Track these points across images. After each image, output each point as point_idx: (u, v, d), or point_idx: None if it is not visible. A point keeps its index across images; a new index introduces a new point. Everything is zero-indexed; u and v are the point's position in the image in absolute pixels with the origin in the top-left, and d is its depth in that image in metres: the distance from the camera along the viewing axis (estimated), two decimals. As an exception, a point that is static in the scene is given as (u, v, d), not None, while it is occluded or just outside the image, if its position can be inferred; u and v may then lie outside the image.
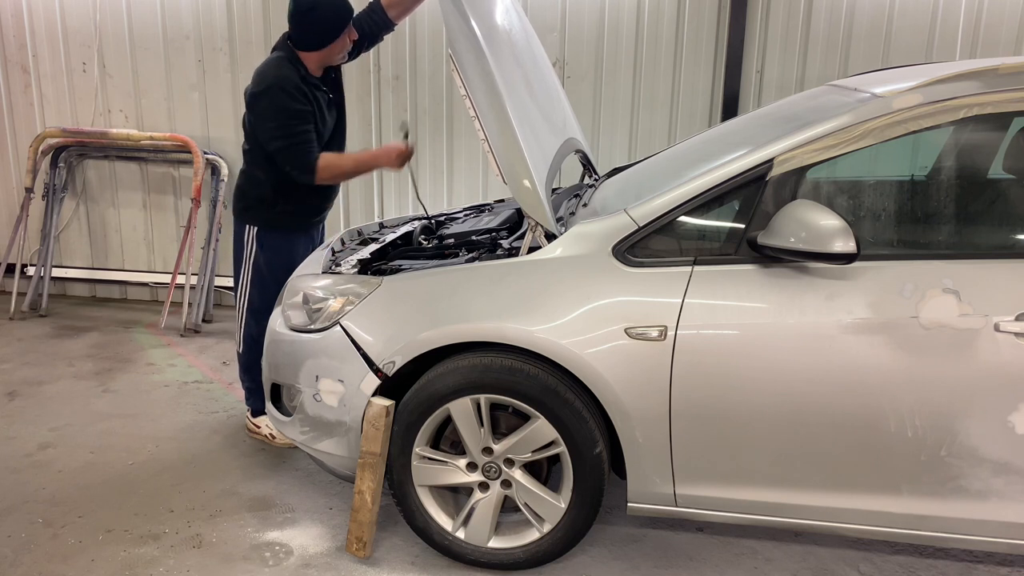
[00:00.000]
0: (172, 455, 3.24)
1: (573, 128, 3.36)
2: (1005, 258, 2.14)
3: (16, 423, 3.51)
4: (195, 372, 4.14)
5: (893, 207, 2.44)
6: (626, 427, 2.26)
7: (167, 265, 5.31)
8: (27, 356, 4.35)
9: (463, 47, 2.41)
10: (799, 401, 2.15)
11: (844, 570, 2.55)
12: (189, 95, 5.05)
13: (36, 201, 5.19)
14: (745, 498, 2.28)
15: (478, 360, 2.34)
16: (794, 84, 4.46)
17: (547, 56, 3.52)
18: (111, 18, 5.01)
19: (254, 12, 4.86)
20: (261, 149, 3.08)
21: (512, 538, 2.49)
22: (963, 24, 4.22)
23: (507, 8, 3.02)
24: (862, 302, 2.12)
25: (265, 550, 2.62)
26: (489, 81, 2.39)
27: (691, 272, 2.22)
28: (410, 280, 2.49)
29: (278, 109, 2.95)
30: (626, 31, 4.57)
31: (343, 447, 2.53)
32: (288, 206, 3.19)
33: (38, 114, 5.24)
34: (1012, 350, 2.05)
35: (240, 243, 3.26)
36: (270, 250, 3.22)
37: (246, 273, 3.25)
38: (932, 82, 2.15)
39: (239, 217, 3.26)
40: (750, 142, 2.35)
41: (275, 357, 2.69)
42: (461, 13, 2.43)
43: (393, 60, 4.81)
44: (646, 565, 2.57)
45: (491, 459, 2.42)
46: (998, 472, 2.11)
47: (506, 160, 2.37)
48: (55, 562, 2.54)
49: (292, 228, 3.26)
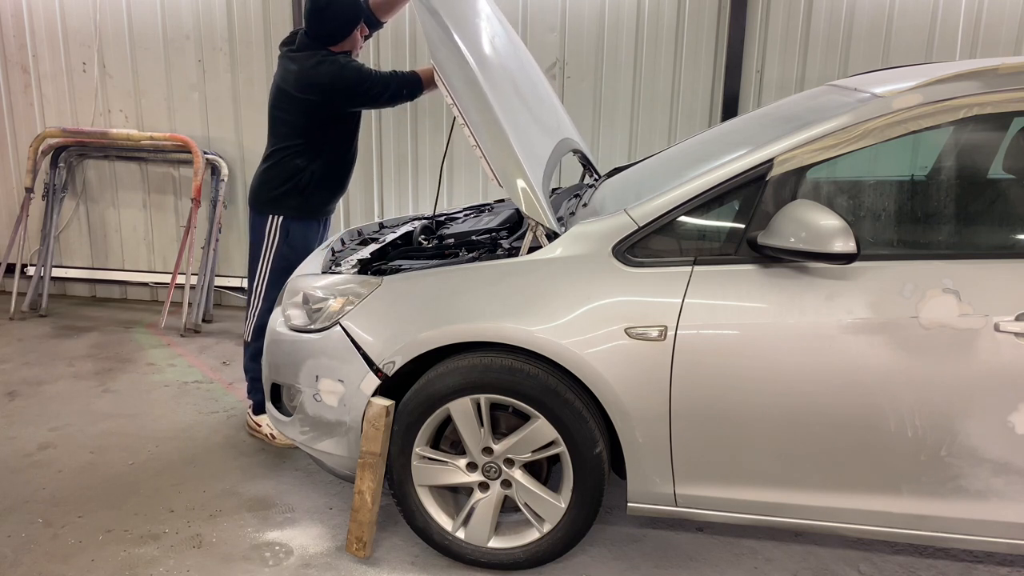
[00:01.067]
0: (172, 455, 3.24)
1: (567, 128, 3.36)
2: (1005, 258, 2.14)
3: (16, 423, 3.52)
4: (195, 372, 4.14)
5: (893, 207, 2.43)
6: (626, 427, 2.26)
7: (167, 265, 5.31)
8: (27, 356, 4.35)
9: (444, 56, 2.43)
10: (799, 401, 2.15)
11: (844, 570, 2.55)
12: (189, 95, 5.05)
13: (36, 201, 5.19)
14: (745, 498, 2.28)
15: (478, 360, 2.34)
16: (794, 84, 4.46)
17: (535, 60, 3.54)
18: (111, 18, 5.01)
19: (254, 12, 4.87)
20: (304, 136, 3.20)
21: (512, 538, 2.49)
22: (963, 24, 4.22)
23: (488, 15, 3.05)
24: (862, 302, 2.12)
25: (265, 550, 2.62)
26: (475, 88, 2.40)
27: (691, 272, 2.22)
28: (410, 280, 2.49)
29: (353, 71, 3.10)
30: (626, 31, 4.57)
31: (343, 447, 2.53)
32: (321, 192, 3.33)
33: (38, 114, 5.24)
34: (1012, 350, 2.05)
35: (259, 235, 3.34)
36: (295, 238, 3.33)
37: (266, 263, 3.34)
38: (932, 82, 2.15)
39: (263, 209, 3.33)
40: (750, 142, 2.35)
41: (275, 357, 2.69)
42: (440, 24, 2.45)
43: (393, 60, 4.81)
44: (646, 565, 2.57)
45: (491, 459, 2.42)
46: (998, 472, 2.11)
47: (499, 164, 2.38)
48: (55, 562, 2.54)
49: (316, 215, 3.40)
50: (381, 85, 3.12)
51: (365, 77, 3.11)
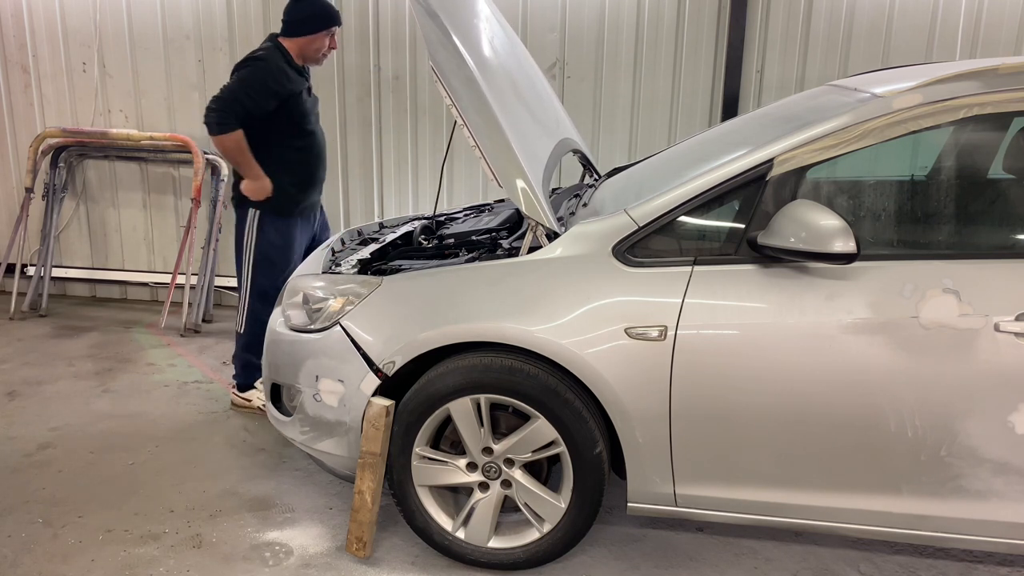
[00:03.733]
0: (172, 455, 3.24)
1: (567, 128, 3.36)
2: (1005, 258, 2.14)
3: (16, 423, 3.52)
4: (195, 372, 4.14)
5: (893, 207, 2.43)
6: (626, 427, 2.26)
7: (167, 265, 5.31)
8: (27, 356, 4.35)
9: (443, 57, 2.43)
10: (799, 401, 2.15)
11: (844, 570, 2.55)
12: (189, 95, 5.05)
13: (36, 201, 5.19)
14: (745, 498, 2.28)
15: (478, 360, 2.34)
16: (794, 84, 4.46)
17: (535, 60, 3.54)
18: (111, 18, 5.01)
19: (254, 12, 4.87)
20: (255, 133, 3.31)
21: (512, 538, 2.49)
22: (963, 24, 4.22)
23: (487, 16, 3.05)
24: (862, 302, 2.12)
25: (265, 550, 2.62)
26: (474, 89, 2.40)
27: (691, 272, 2.22)
28: (410, 280, 2.49)
29: (247, 77, 3.25)
30: (626, 31, 4.57)
31: (343, 447, 2.53)
32: (284, 189, 3.43)
33: (38, 114, 5.24)
34: (1012, 350, 2.05)
35: (240, 229, 3.50)
36: (271, 233, 3.47)
37: (248, 256, 3.48)
38: (932, 82, 2.15)
39: (240, 205, 3.48)
40: (750, 142, 2.35)
41: (275, 357, 2.69)
42: (439, 26, 2.45)
43: (393, 60, 4.82)
44: (646, 565, 2.57)
45: (491, 459, 2.42)
46: (998, 472, 2.11)
47: (499, 164, 2.38)
48: (55, 562, 2.54)
49: (286, 212, 3.49)
50: (222, 105, 3.20)
51: (232, 91, 3.23)
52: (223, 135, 3.23)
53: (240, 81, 3.24)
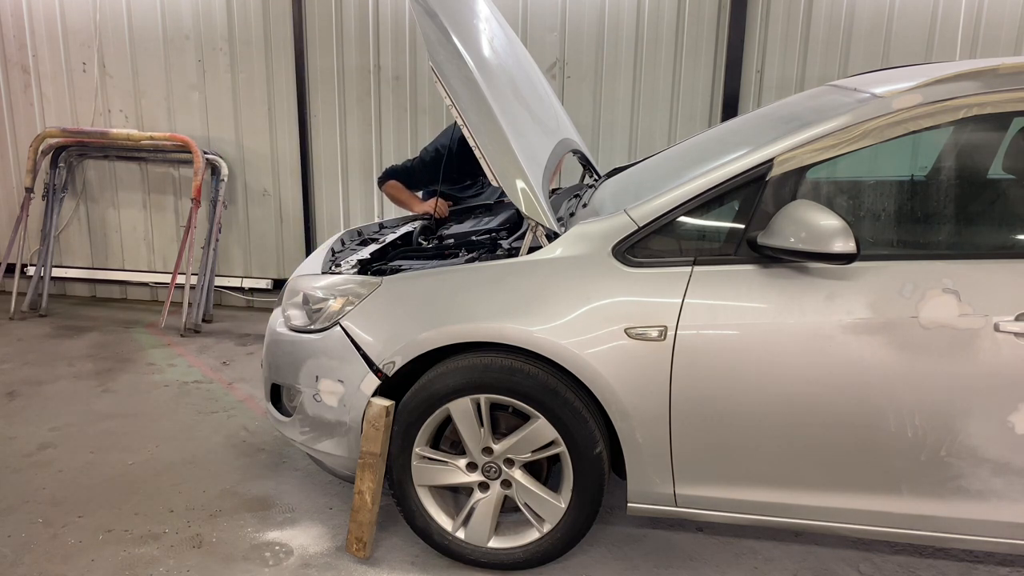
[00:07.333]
0: (172, 455, 3.24)
1: (567, 128, 3.36)
2: (1005, 258, 2.14)
3: (16, 423, 3.51)
4: (195, 372, 4.14)
5: (893, 207, 2.43)
6: (626, 427, 2.26)
7: (167, 265, 5.32)
8: (27, 356, 4.35)
9: (443, 57, 2.43)
10: (799, 401, 2.15)
11: (844, 570, 2.55)
12: (189, 95, 5.05)
13: (36, 201, 5.19)
14: (745, 498, 2.28)
15: (478, 360, 2.34)
16: (794, 84, 4.46)
17: (535, 60, 3.55)
18: (111, 18, 5.01)
19: (254, 12, 4.87)
20: None
21: (512, 538, 2.49)
22: (963, 24, 4.22)
23: (487, 16, 3.05)
24: (862, 302, 2.11)
25: (265, 550, 2.62)
26: (474, 89, 2.40)
27: (691, 272, 2.22)
28: (410, 280, 2.49)
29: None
30: (626, 31, 4.57)
31: (343, 447, 2.53)
32: None
33: (38, 114, 5.24)
34: (1012, 350, 2.05)
35: None
36: None
37: None
38: (932, 82, 2.15)
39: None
40: (750, 142, 2.35)
41: (275, 357, 2.69)
42: (439, 26, 2.45)
43: (393, 60, 4.81)
44: (646, 565, 2.57)
45: (491, 459, 2.42)
46: (998, 472, 2.11)
47: (499, 164, 2.38)
48: (55, 562, 2.54)
49: None
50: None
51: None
52: (386, 184, 3.80)
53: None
